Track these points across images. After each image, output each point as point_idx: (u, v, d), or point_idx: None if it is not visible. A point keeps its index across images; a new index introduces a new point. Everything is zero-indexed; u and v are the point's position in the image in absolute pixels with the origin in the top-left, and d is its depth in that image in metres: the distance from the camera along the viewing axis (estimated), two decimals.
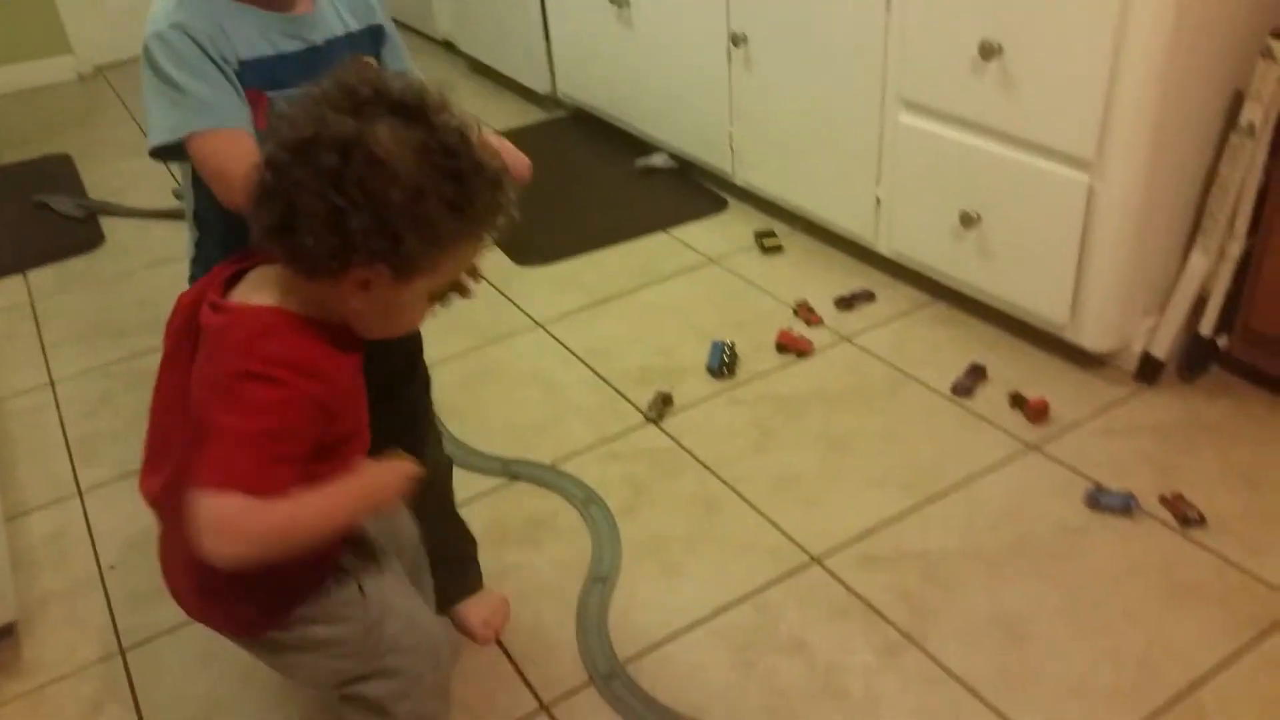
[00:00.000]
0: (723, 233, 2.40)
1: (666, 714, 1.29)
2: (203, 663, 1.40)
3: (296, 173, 0.83)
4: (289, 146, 0.84)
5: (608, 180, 2.70)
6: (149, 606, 1.49)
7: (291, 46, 1.06)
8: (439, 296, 0.94)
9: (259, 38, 1.04)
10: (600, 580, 1.50)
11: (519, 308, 2.18)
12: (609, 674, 1.35)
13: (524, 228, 0.97)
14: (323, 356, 0.88)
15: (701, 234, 2.40)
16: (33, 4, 3.73)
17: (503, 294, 2.23)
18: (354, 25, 1.11)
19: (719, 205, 2.52)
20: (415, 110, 0.85)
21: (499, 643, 1.41)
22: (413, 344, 1.28)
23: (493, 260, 2.35)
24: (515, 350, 2.05)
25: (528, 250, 2.37)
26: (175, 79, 1.00)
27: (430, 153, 0.84)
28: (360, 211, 0.82)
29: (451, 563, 1.38)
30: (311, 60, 1.06)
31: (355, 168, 0.82)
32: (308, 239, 0.83)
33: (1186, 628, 1.34)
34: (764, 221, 2.41)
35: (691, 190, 2.60)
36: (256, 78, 1.03)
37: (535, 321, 2.13)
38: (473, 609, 1.42)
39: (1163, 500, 1.54)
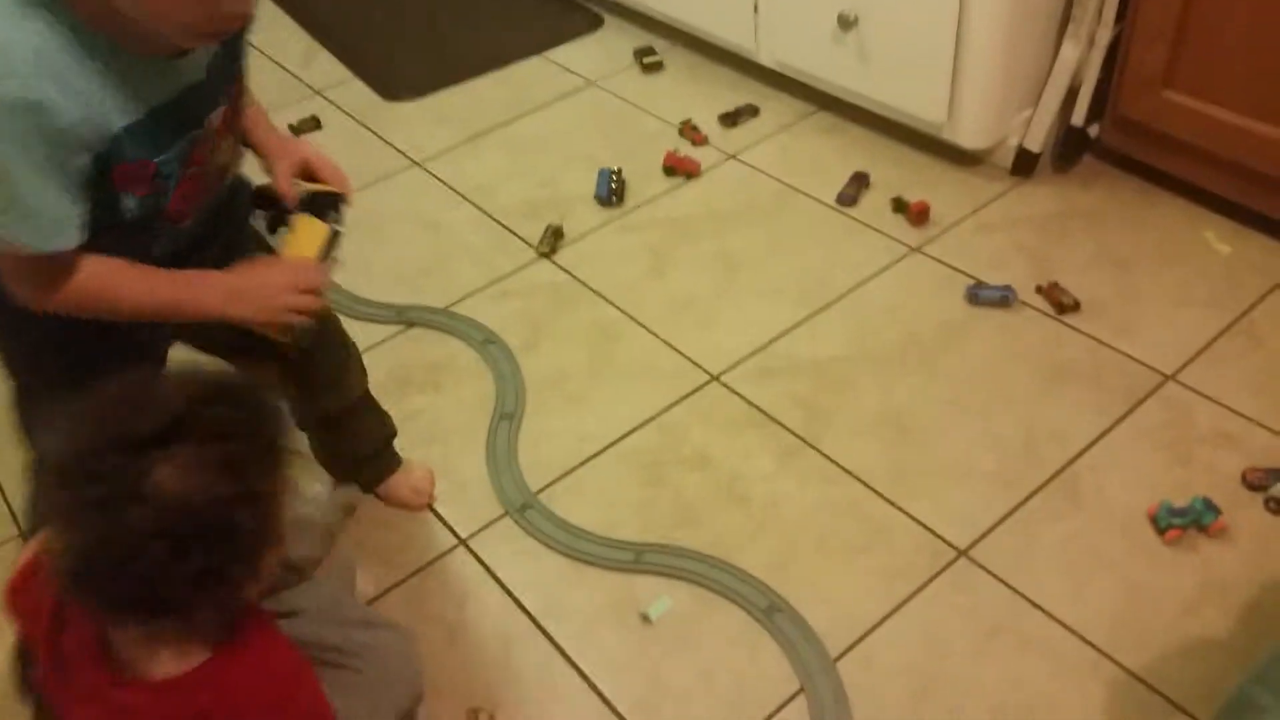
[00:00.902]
0: (600, 52, 2.32)
1: (580, 534, 1.34)
2: None
3: (138, 575, 0.74)
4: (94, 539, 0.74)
5: (475, 2, 2.56)
6: None
7: (166, 95, 0.89)
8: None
9: (132, 97, 0.86)
10: (506, 417, 1.51)
11: (392, 146, 2.10)
12: (523, 505, 1.38)
13: (390, 59, 0.93)
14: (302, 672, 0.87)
15: (578, 55, 2.32)
16: None
17: (374, 132, 2.13)
18: (214, 44, 0.94)
19: (594, 23, 2.42)
20: (173, 429, 0.75)
21: None
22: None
23: (359, 95, 2.25)
24: (393, 192, 1.98)
25: (396, 83, 2.26)
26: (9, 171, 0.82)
27: (211, 464, 0.75)
28: (222, 557, 0.76)
29: (379, 451, 1.38)
30: (188, 103, 0.91)
31: (177, 539, 0.74)
32: (198, 612, 0.79)
33: (1063, 408, 1.43)
34: (642, 38, 2.33)
35: (565, 8, 2.49)
36: (138, 146, 0.88)
37: (411, 160, 2.06)
38: (401, 482, 1.41)
39: (1039, 289, 1.60)
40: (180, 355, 1.11)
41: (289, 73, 2.35)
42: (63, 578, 0.76)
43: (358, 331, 1.65)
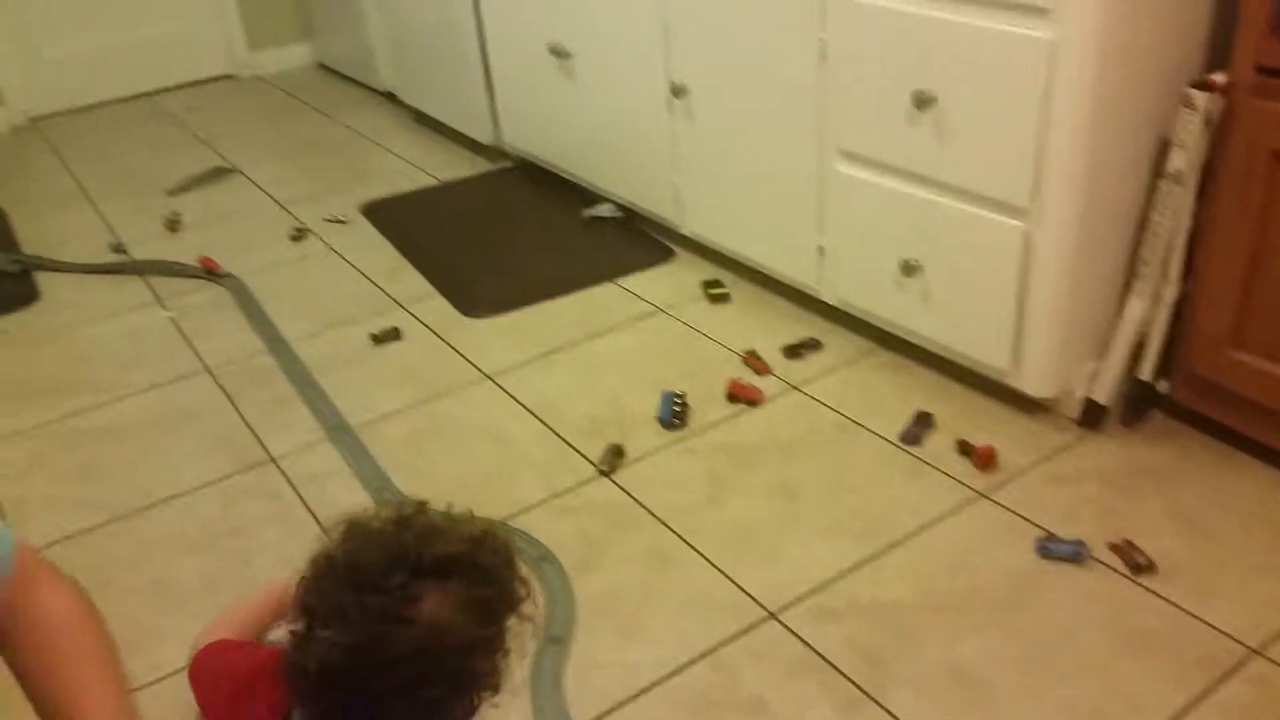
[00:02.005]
0: (670, 282, 2.41)
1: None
2: None
3: (376, 690, 0.82)
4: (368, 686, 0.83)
5: (554, 230, 2.70)
6: None
7: None
8: None
9: None
10: (554, 641, 1.47)
11: (466, 359, 2.16)
12: None
13: (470, 278, 0.98)
14: None
15: (649, 284, 2.41)
16: None
17: (450, 345, 2.20)
18: None
19: (666, 255, 2.52)
20: (453, 565, 0.85)
21: None
22: None
23: (440, 311, 2.34)
24: (463, 403, 2.02)
25: (474, 301, 2.35)
26: None
27: (474, 604, 0.85)
28: (448, 691, 0.85)
29: None
30: None
31: (426, 667, 0.82)
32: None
33: (1140, 676, 1.35)
34: (710, 270, 2.42)
35: (638, 240, 2.60)
36: None
37: (483, 373, 2.11)
38: None
39: (1112, 547, 1.55)
40: None
41: (376, 285, 2.47)
42: (310, 668, 0.82)
43: None
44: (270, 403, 2.04)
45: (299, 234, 2.74)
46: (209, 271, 2.57)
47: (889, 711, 1.33)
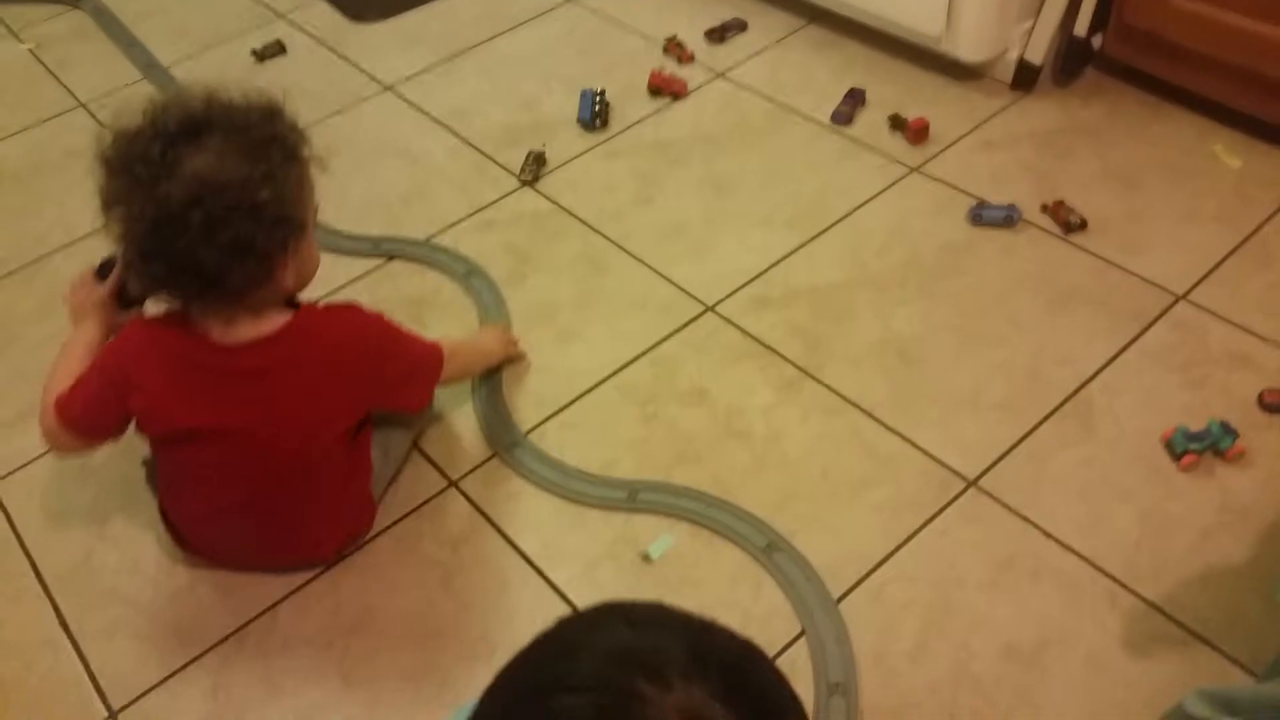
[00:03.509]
0: None
1: (572, 473, 1.29)
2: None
3: (181, 244, 0.96)
4: (151, 229, 0.97)
5: None
6: None
7: None
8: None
9: None
10: None
11: (361, 70, 1.99)
12: (512, 443, 1.33)
13: None
14: None
15: None
16: None
17: (341, 55, 2.03)
18: None
19: None
20: (200, 125, 0.98)
21: None
22: None
23: (323, 17, 2.13)
24: (365, 118, 1.89)
25: (362, 3, 2.15)
26: None
27: (233, 149, 0.97)
28: (250, 229, 0.97)
29: None
30: None
31: (210, 210, 0.95)
32: (235, 279, 1.00)
33: (1072, 331, 1.38)
34: None
35: None
36: None
37: (381, 84, 1.96)
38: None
39: (1044, 208, 1.54)
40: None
41: None
42: (132, 261, 1.01)
43: (335, 266, 1.58)
44: None
45: None
46: None
47: (826, 385, 1.35)
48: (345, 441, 1.15)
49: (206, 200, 0.94)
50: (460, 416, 1.37)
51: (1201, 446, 1.21)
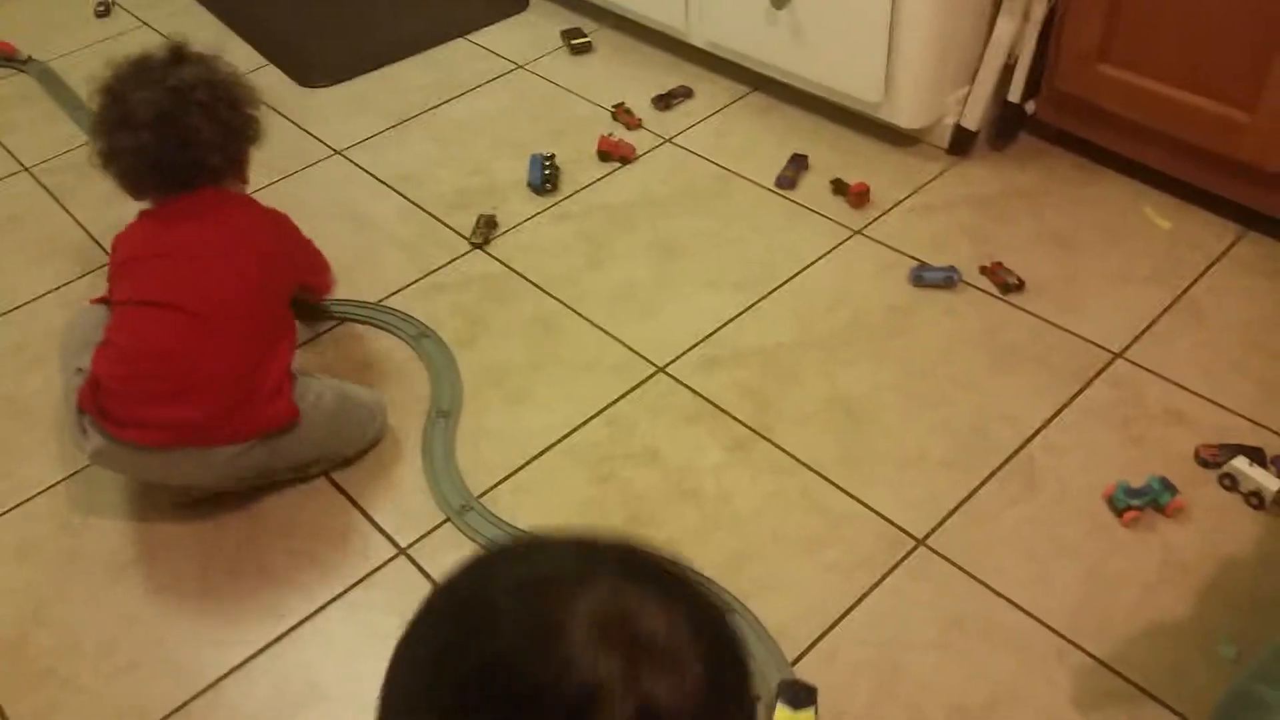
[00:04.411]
0: (526, 34, 2.24)
1: (521, 534, 1.28)
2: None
3: (189, 120, 1.34)
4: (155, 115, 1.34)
5: None
6: None
7: None
8: None
9: None
10: (443, 415, 1.45)
11: (311, 134, 2.00)
12: (463, 507, 1.32)
13: (304, 44, 0.86)
14: None
15: (504, 37, 2.24)
16: None
17: (290, 120, 2.03)
18: None
19: (519, 4, 2.34)
20: (182, 57, 1.39)
21: (347, 494, 1.35)
22: None
23: (274, 83, 2.14)
24: (315, 182, 1.89)
25: (313, 68, 2.16)
26: None
27: (214, 70, 1.41)
28: (234, 117, 1.40)
29: None
30: None
31: (212, 92, 1.37)
32: (216, 158, 1.37)
33: (1013, 390, 1.41)
34: (570, 19, 2.26)
35: None
36: None
37: (331, 149, 1.96)
38: None
39: (983, 270, 1.59)
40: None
41: None
42: (145, 159, 1.35)
43: None
44: (102, 201, 1.86)
45: (104, 9, 2.44)
46: (6, 57, 2.28)
47: (776, 445, 1.37)
48: (265, 322, 1.32)
49: (205, 86, 1.34)
50: (410, 480, 1.36)
51: (1143, 502, 1.23)
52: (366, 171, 1.90)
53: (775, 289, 1.60)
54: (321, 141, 1.98)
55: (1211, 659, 1.11)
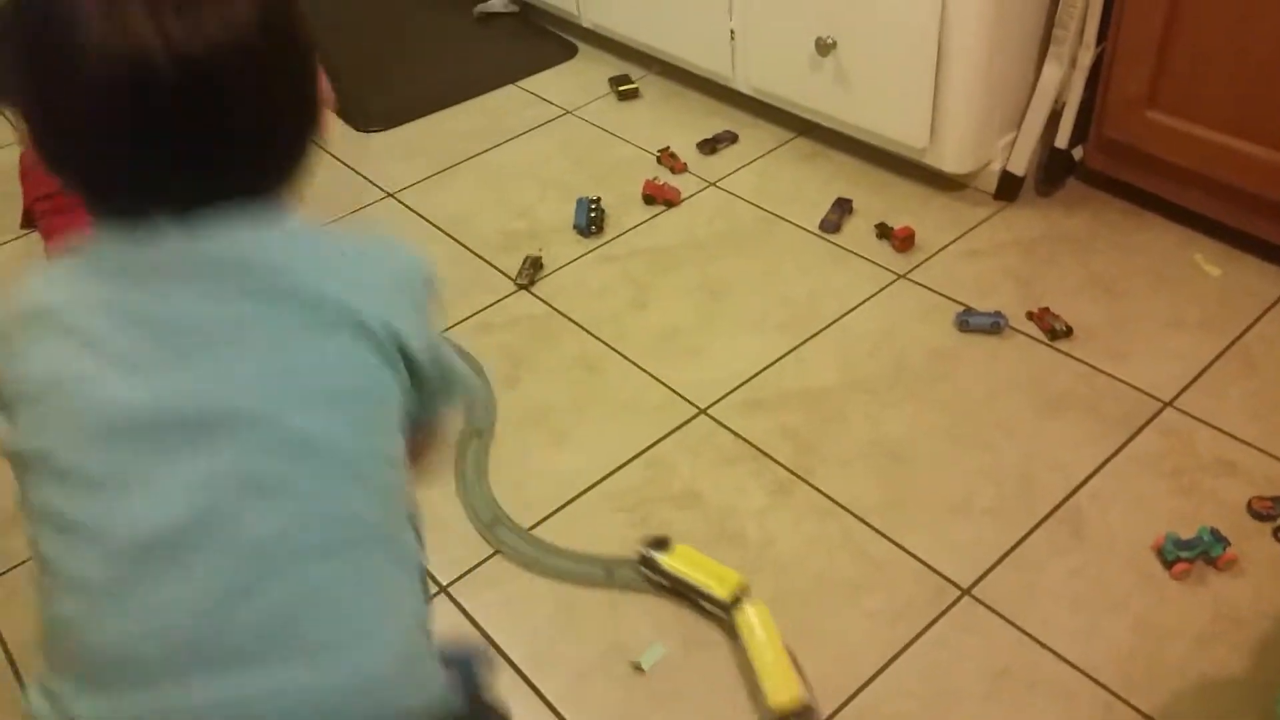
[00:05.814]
0: (574, 81, 2.29)
1: (550, 549, 1.30)
2: None
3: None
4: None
5: (445, 31, 2.52)
6: None
7: None
8: None
9: None
10: (476, 434, 1.46)
11: (364, 178, 2.05)
12: (491, 521, 1.34)
13: (360, 91, 0.88)
14: None
15: (553, 83, 2.28)
16: None
17: (345, 164, 2.08)
18: None
19: (568, 51, 2.39)
20: None
21: None
22: None
23: (329, 127, 2.19)
24: (367, 224, 1.93)
25: (367, 115, 2.21)
26: None
27: None
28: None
29: None
30: None
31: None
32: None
33: (1060, 437, 1.40)
34: (617, 66, 2.30)
35: (537, 36, 2.45)
36: None
37: (385, 191, 2.01)
38: None
39: (1029, 315, 1.57)
40: None
41: None
42: None
43: None
44: None
45: None
46: None
47: (818, 489, 1.36)
48: None
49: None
50: (449, 511, 1.37)
51: (1193, 554, 1.21)
52: (417, 213, 1.94)
53: (819, 332, 1.60)
54: (374, 184, 2.03)
55: (1266, 717, 1.07)
